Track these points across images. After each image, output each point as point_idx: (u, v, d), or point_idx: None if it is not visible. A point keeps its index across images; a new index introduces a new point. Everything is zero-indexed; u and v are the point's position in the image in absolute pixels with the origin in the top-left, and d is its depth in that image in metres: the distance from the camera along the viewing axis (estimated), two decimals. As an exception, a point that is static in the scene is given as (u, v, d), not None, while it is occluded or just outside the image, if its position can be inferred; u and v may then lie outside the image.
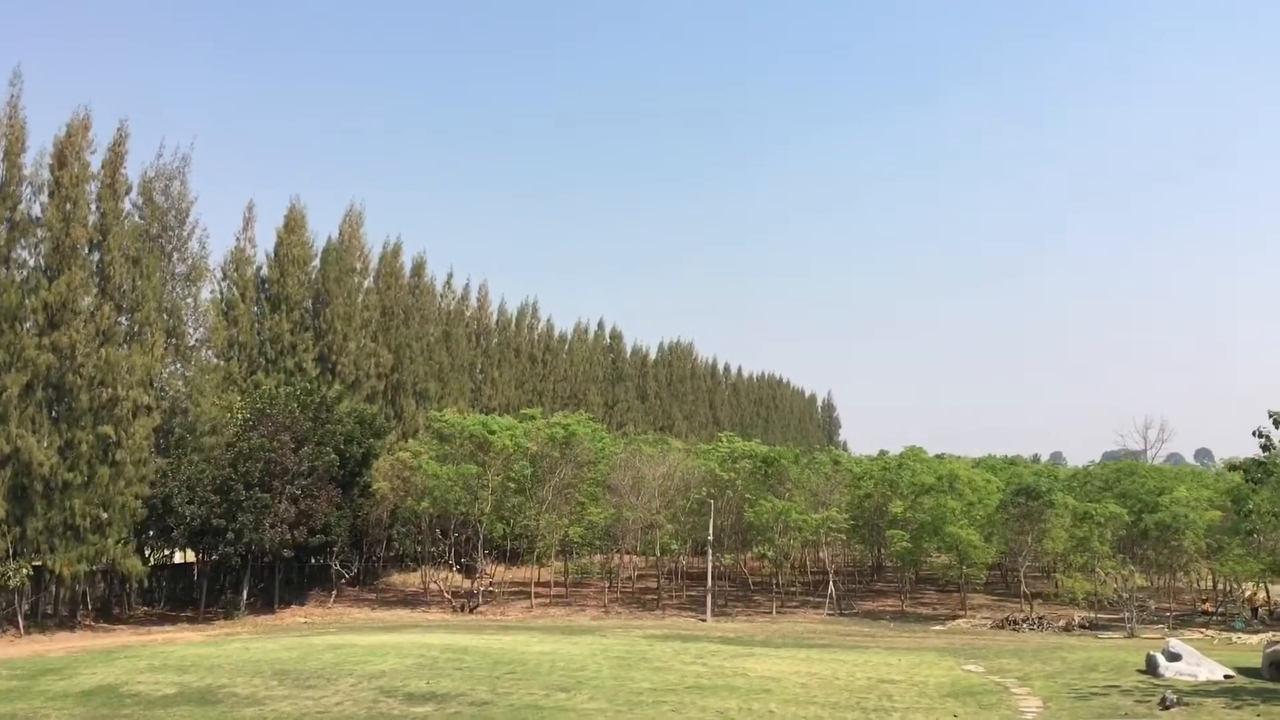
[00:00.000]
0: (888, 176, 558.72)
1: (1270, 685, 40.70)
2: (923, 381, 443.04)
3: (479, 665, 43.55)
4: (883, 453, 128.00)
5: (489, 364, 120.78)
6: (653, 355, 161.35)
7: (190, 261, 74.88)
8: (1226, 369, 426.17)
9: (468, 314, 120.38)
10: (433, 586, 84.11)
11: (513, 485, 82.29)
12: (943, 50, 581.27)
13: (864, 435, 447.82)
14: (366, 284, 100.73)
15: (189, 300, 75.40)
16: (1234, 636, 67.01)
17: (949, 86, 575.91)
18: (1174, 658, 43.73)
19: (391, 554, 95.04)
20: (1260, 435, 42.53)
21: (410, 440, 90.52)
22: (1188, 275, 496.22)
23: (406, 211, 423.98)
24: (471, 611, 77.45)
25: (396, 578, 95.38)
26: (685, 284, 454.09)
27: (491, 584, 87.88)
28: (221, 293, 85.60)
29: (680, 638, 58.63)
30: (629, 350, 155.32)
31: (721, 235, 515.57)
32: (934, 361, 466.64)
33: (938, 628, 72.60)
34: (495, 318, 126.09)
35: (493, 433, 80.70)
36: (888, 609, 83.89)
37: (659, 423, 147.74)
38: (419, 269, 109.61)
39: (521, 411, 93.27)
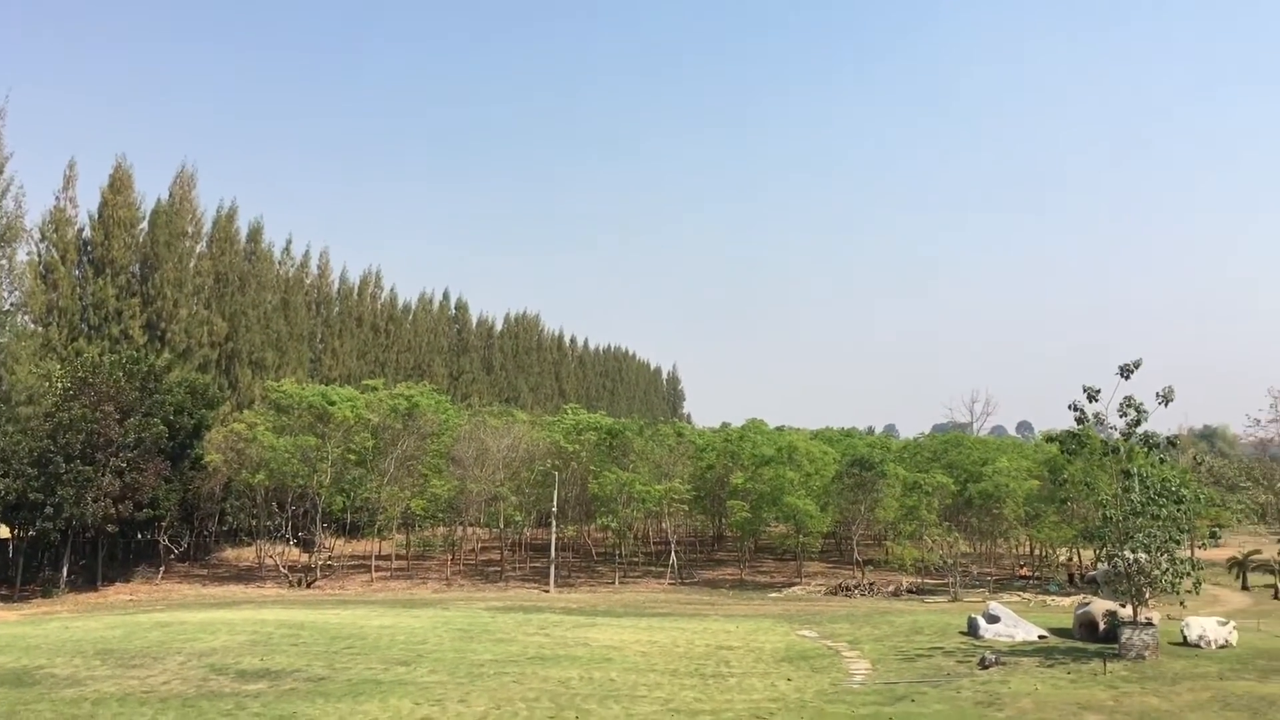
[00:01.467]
0: (730, 159, 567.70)
1: (1080, 644, 43.31)
2: (766, 355, 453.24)
3: (316, 640, 42.64)
4: (725, 425, 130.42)
5: (330, 333, 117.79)
6: (499, 327, 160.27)
7: (4, 220, 70.41)
8: (1048, 346, 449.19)
9: (308, 282, 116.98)
10: (268, 561, 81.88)
11: (353, 457, 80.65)
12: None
13: (708, 408, 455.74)
14: (199, 249, 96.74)
15: (2, 262, 70.97)
16: (1049, 599, 70.96)
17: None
18: (993, 620, 46.07)
19: (225, 528, 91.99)
20: (1075, 409, 45.02)
21: (245, 411, 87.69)
22: (1010, 257, 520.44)
23: (245, 175, 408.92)
24: (309, 586, 75.75)
25: (230, 553, 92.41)
26: (533, 256, 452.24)
27: (330, 558, 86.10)
28: (40, 255, 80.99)
29: (523, 609, 58.65)
30: (475, 321, 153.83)
31: (572, 210, 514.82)
32: (778, 336, 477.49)
33: (775, 595, 74.58)
34: (337, 286, 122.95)
35: (333, 403, 78.84)
36: (727, 577, 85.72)
37: (505, 394, 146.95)
38: (256, 234, 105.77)
39: (363, 382, 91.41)
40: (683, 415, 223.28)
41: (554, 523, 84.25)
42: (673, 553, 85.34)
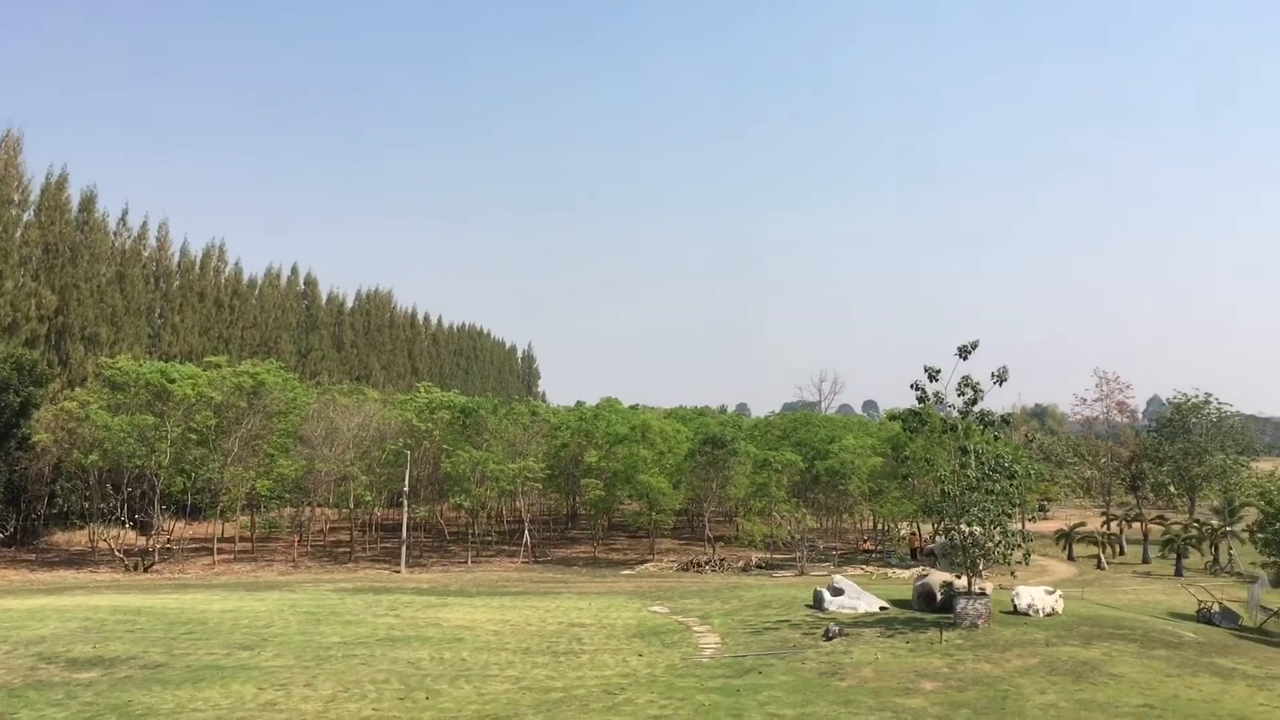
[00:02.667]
0: (597, 137, 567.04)
1: (919, 614, 44.97)
2: (623, 335, 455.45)
3: (153, 626, 41.05)
4: (580, 404, 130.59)
5: (170, 308, 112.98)
6: (350, 303, 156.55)
7: None
8: (893, 328, 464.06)
9: (145, 254, 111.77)
10: (102, 545, 78.37)
11: (195, 436, 77.71)
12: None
13: (563, 386, 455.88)
14: (26, 217, 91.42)
15: None
16: (890, 572, 73.55)
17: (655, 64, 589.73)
18: (837, 592, 47.43)
19: (55, 511, 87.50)
20: (917, 389, 46.54)
21: (78, 389, 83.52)
22: (856, 241, 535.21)
23: (78, 143, 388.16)
24: (146, 570, 72.85)
25: (60, 537, 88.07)
26: (385, 231, 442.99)
27: (170, 541, 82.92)
28: None
29: (373, 590, 57.67)
30: (324, 297, 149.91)
31: (427, 183, 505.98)
32: (634, 316, 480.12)
33: (627, 572, 75.20)
34: (177, 259, 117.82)
35: (172, 381, 75.76)
36: (581, 555, 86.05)
37: (355, 372, 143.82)
38: (88, 204, 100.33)
39: (206, 359, 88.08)
40: (538, 394, 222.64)
41: (406, 502, 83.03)
42: (526, 531, 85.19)
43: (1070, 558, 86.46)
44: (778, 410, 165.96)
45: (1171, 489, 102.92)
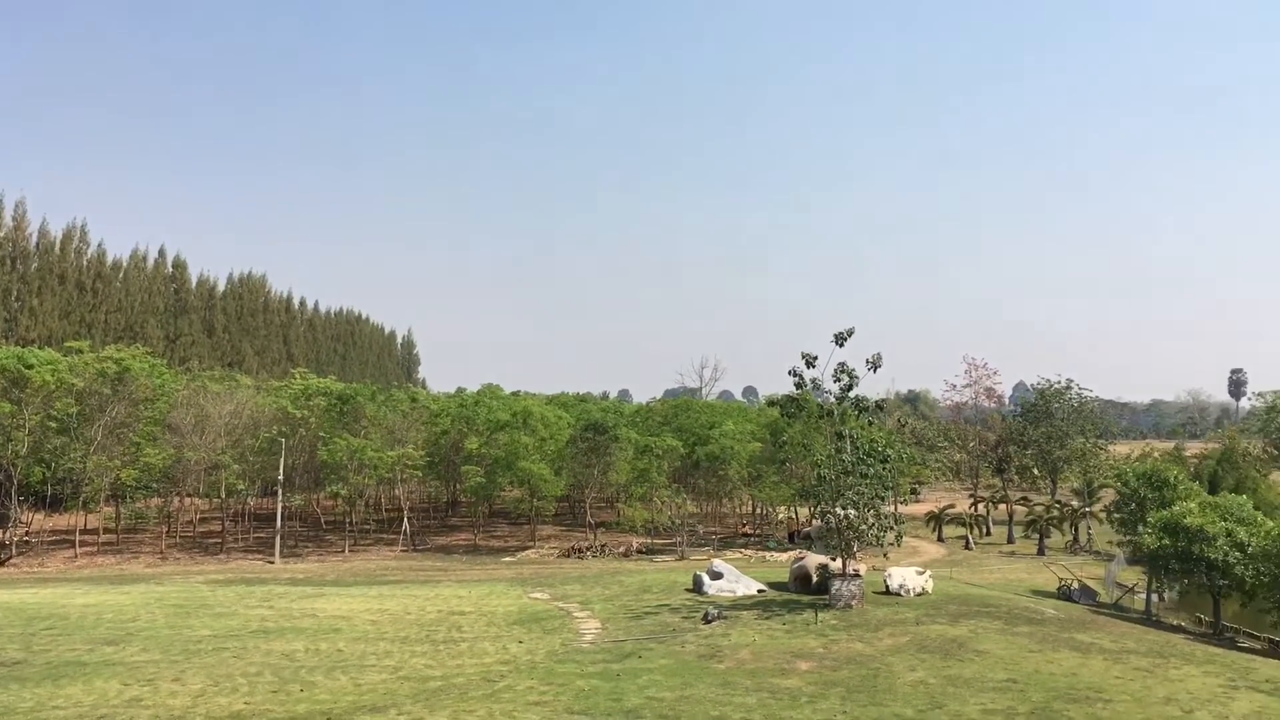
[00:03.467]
0: (481, 123, 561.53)
1: (795, 596, 45.87)
2: (506, 321, 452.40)
3: (10, 622, 39.30)
4: (461, 390, 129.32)
5: (27, 291, 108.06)
6: (222, 287, 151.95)
7: None
8: (773, 314, 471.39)
9: (0, 234, 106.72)
10: (-47, 539, 74.69)
11: (55, 425, 74.50)
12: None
13: (445, 373, 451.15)
14: None
15: None
16: (769, 555, 74.82)
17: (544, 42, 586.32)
18: (717, 576, 48.05)
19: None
20: (795, 375, 47.34)
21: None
22: (738, 225, 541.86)
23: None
24: (2, 565, 69.68)
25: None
26: (259, 212, 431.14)
27: (28, 534, 79.47)
28: None
29: (246, 582, 56.26)
30: (195, 281, 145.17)
31: (307, 160, 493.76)
32: (517, 303, 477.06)
33: (508, 559, 74.90)
34: (35, 240, 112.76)
35: (30, 367, 72.42)
36: (461, 543, 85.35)
37: (228, 358, 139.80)
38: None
39: (66, 344, 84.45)
40: (418, 380, 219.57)
41: (280, 491, 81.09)
42: (405, 520, 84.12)
43: (940, 539, 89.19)
44: (659, 397, 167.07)
45: (1035, 472, 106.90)
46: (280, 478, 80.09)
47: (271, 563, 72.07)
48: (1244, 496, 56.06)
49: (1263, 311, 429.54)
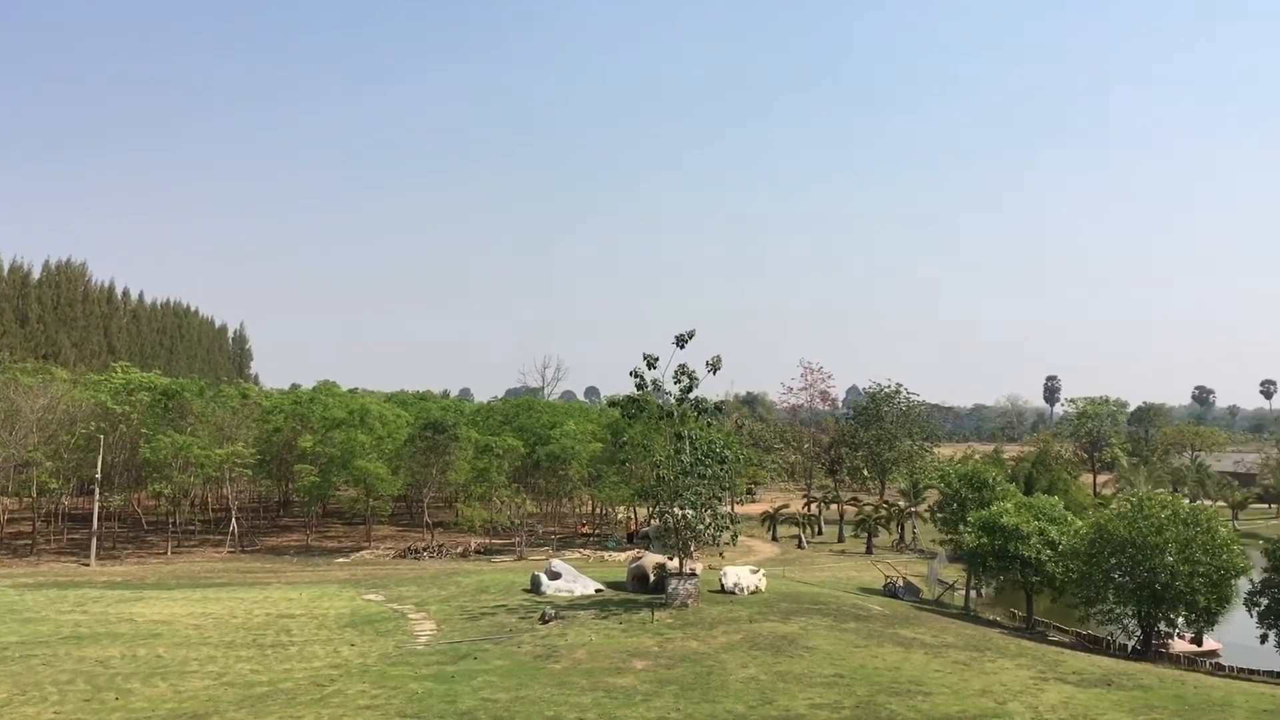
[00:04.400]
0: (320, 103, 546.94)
1: (633, 596, 46.21)
2: (345, 317, 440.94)
3: None
4: (295, 387, 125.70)
5: None
6: (36, 274, 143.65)
7: None
8: (616, 315, 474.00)
9: None
10: None
11: None
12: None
13: (280, 369, 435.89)
14: None
15: None
16: (608, 555, 75.23)
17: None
18: (555, 576, 48.04)
19: None
20: (636, 376, 47.71)
21: None
22: (584, 226, 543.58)
23: None
24: None
25: None
26: (81, 197, 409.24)
27: None
28: None
29: (58, 585, 53.37)
30: (6, 268, 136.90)
31: (134, 148, 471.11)
32: (359, 298, 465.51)
33: (342, 560, 73.19)
34: None
35: None
36: (293, 544, 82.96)
37: (42, 350, 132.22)
38: None
39: None
40: (250, 376, 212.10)
41: (98, 490, 77.08)
42: (234, 520, 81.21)
43: (774, 538, 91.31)
44: (501, 396, 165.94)
45: (865, 473, 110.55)
46: (98, 476, 76.15)
47: (87, 565, 68.59)
48: (1056, 497, 59.29)
49: (1075, 323, 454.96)
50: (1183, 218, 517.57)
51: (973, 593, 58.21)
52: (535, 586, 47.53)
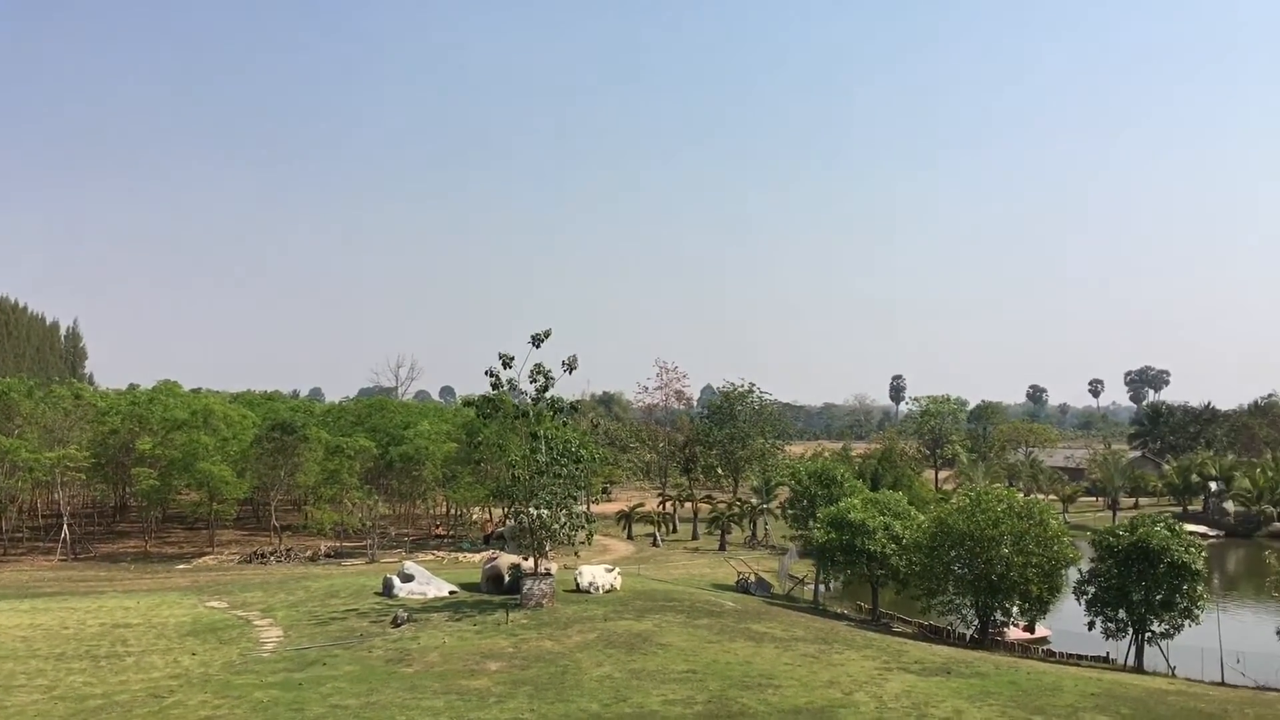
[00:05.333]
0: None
1: (487, 597, 45.90)
2: (189, 316, 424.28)
3: None
4: (134, 387, 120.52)
5: None
6: None
7: None
8: (473, 315, 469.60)
9: None
10: None
11: None
12: None
13: (119, 369, 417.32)
14: None
15: None
16: (462, 556, 74.42)
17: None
18: (408, 579, 47.33)
19: None
20: (491, 376, 47.44)
21: None
22: (436, 226, 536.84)
23: None
24: None
25: None
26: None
27: None
28: None
29: None
30: None
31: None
32: (203, 297, 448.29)
33: (183, 566, 70.48)
34: None
35: None
36: (130, 550, 79.47)
37: None
38: None
39: None
40: (84, 376, 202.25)
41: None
42: (65, 526, 77.26)
43: (630, 536, 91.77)
44: (353, 396, 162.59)
45: (719, 471, 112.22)
46: (-88, 481, 71.46)
47: (-99, 577, 64.30)
48: (900, 493, 61.36)
49: (921, 325, 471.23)
50: (1018, 225, 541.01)
51: (822, 587, 59.70)
52: (387, 589, 46.75)
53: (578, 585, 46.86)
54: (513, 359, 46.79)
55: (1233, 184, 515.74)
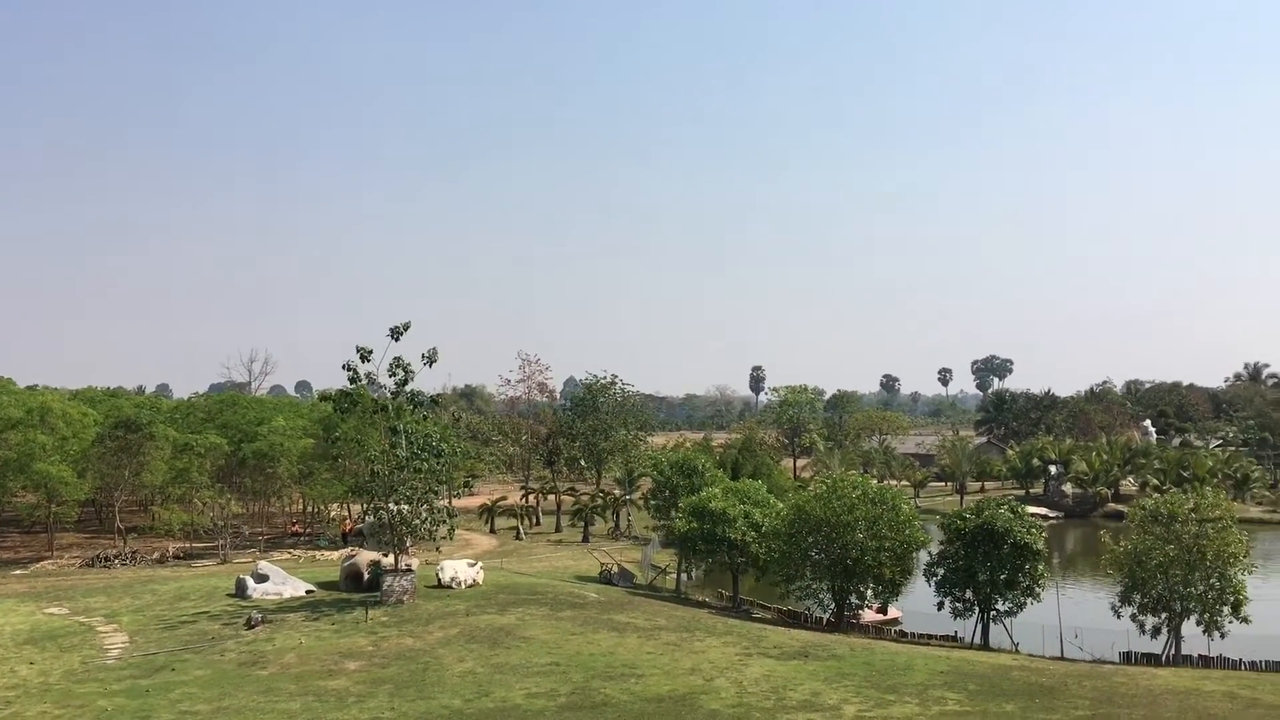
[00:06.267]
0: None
1: (346, 595, 44.99)
2: (24, 310, 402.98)
3: None
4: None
5: None
6: None
7: None
8: (327, 309, 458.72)
9: None
10: None
11: None
12: None
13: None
14: None
15: None
16: (320, 554, 72.74)
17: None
18: (262, 579, 46.04)
19: None
20: (349, 369, 46.48)
21: None
22: (290, 220, 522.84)
23: None
24: None
25: None
26: None
27: None
28: None
29: None
30: None
31: None
32: (42, 289, 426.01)
33: (20, 572, 67.01)
34: None
35: None
36: (-39, 557, 75.24)
37: None
38: None
39: None
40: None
41: None
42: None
43: (492, 530, 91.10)
44: (203, 392, 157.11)
45: (582, 463, 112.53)
46: None
47: None
48: (760, 481, 62.45)
49: (777, 316, 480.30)
50: (868, 219, 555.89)
51: (684, 576, 60.39)
52: (241, 590, 45.41)
53: (439, 581, 46.35)
54: (371, 352, 45.96)
55: (1057, 184, 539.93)
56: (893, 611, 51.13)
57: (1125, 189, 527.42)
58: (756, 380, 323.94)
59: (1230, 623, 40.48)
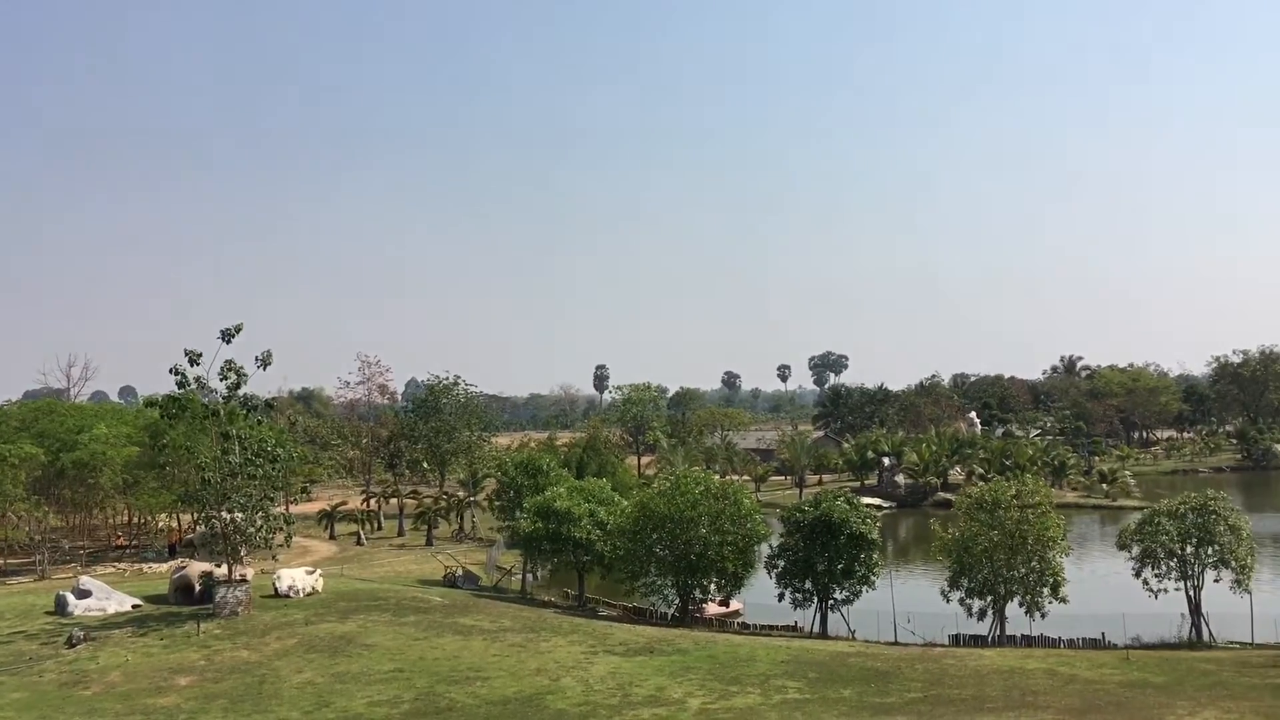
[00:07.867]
0: None
1: (176, 609, 43.18)
2: None
3: None
4: None
5: None
6: None
7: None
8: (153, 310, 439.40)
9: None
10: None
11: None
12: None
13: None
14: None
15: None
16: (147, 567, 69.63)
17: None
18: (84, 594, 43.79)
19: None
20: (177, 373, 44.69)
21: None
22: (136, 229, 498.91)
23: None
24: None
25: None
26: None
27: None
28: None
29: None
30: None
31: None
32: None
33: None
34: None
35: None
36: None
37: None
38: None
39: None
40: None
41: None
42: None
43: (332, 536, 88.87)
44: (16, 399, 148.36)
45: (425, 465, 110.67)
46: None
47: None
48: (605, 480, 62.72)
49: (620, 315, 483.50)
50: (711, 217, 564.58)
51: (529, 576, 60.17)
52: (60, 608, 43.08)
53: (276, 590, 44.97)
54: (200, 355, 44.34)
55: (914, 171, 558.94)
56: (735, 604, 52.08)
57: (952, 192, 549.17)
58: (600, 379, 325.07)
59: (1050, 603, 42.75)
